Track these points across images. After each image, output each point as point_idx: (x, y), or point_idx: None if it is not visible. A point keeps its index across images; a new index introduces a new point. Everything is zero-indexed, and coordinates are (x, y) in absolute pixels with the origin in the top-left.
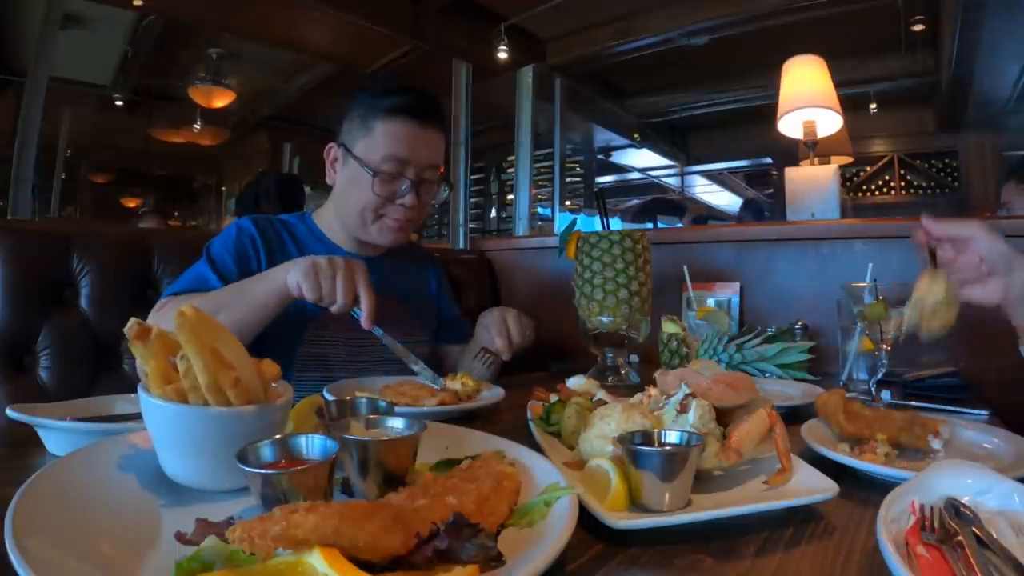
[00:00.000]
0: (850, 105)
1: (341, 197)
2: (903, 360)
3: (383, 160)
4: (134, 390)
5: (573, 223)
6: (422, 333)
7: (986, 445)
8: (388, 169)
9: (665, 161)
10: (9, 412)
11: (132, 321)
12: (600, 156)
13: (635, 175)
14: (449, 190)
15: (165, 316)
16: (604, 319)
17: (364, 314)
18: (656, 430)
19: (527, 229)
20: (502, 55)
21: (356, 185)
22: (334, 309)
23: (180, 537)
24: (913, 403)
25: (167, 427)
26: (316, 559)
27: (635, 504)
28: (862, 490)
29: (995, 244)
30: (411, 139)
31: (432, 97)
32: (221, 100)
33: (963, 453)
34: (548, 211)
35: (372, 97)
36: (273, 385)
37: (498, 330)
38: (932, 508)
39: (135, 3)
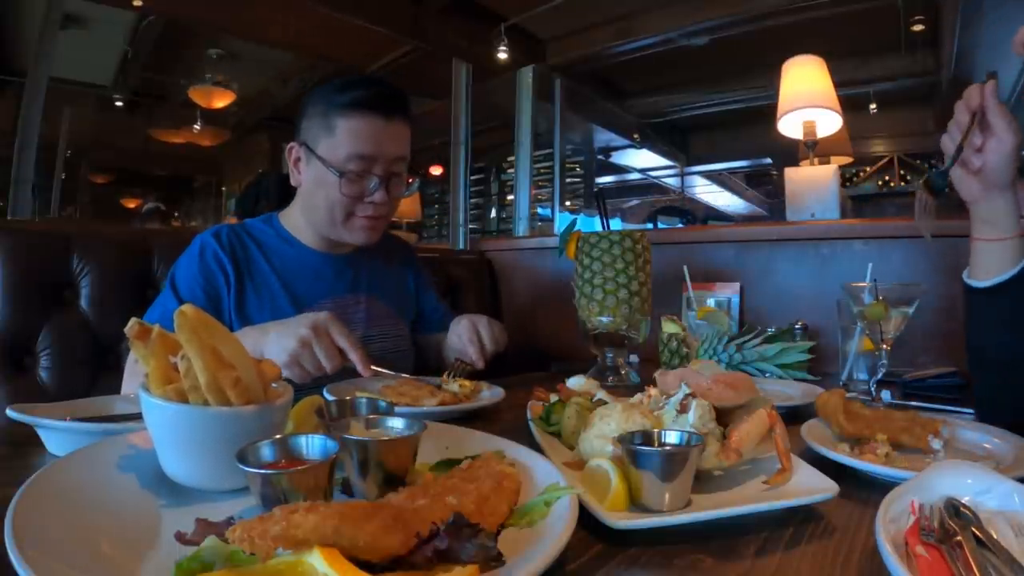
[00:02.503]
0: (850, 105)
1: (308, 198)
2: (903, 360)
3: (348, 159)
4: None
5: (573, 223)
6: (401, 327)
7: (986, 445)
8: (355, 168)
9: (665, 161)
10: (9, 412)
11: (132, 321)
12: (600, 156)
13: (635, 175)
14: (419, 182)
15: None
16: (604, 319)
17: (359, 367)
18: (656, 430)
19: (527, 229)
20: (502, 55)
21: (322, 186)
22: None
23: (180, 537)
24: (913, 403)
25: (167, 427)
26: (316, 559)
27: (635, 504)
28: (862, 490)
29: (1005, 160)
30: (376, 134)
31: (393, 87)
32: (221, 101)
33: (963, 453)
34: (548, 211)
35: (331, 92)
36: (273, 385)
37: (469, 339)
38: (932, 508)
39: (135, 3)
